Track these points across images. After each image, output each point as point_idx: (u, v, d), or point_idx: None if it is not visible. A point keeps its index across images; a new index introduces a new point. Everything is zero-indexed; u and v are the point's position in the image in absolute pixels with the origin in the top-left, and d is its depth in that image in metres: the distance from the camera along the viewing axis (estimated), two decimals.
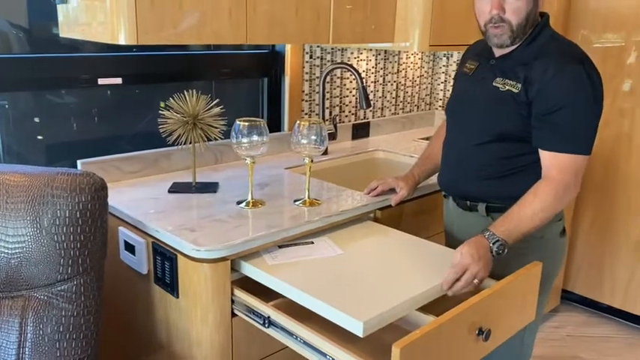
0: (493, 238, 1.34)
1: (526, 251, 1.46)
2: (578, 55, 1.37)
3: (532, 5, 1.37)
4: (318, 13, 1.79)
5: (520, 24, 1.37)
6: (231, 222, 1.48)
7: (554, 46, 1.39)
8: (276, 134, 2.23)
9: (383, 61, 2.67)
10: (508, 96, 1.40)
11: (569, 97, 1.33)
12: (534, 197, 1.36)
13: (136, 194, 1.71)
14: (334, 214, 1.59)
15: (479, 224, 1.47)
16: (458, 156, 1.56)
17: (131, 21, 1.37)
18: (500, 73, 1.43)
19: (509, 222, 1.36)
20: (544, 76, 1.34)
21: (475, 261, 1.29)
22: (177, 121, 1.66)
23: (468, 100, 1.53)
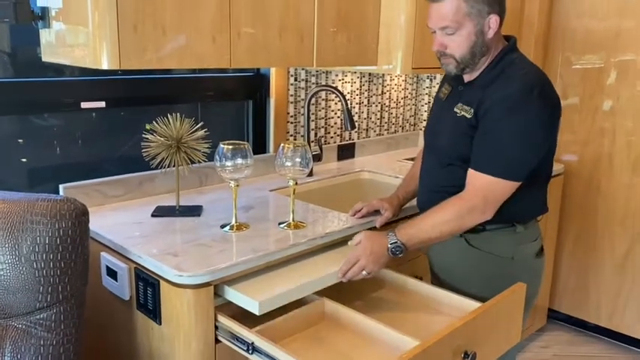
0: (392, 239, 1.41)
1: (495, 273, 1.49)
2: (529, 81, 1.37)
3: (475, 37, 1.39)
4: (302, 37, 1.81)
5: (464, 56, 1.41)
6: (215, 246, 1.47)
7: (509, 72, 1.40)
8: (261, 156, 2.23)
9: (367, 83, 2.69)
10: (462, 121, 1.43)
11: (503, 121, 1.35)
12: (440, 209, 1.41)
13: (118, 218, 1.69)
14: (319, 236, 1.58)
15: (453, 244, 1.50)
16: (429, 178, 1.59)
17: (114, 46, 1.37)
18: (462, 99, 1.46)
19: (412, 227, 1.42)
20: (490, 101, 1.37)
21: (366, 255, 1.40)
22: (161, 145, 1.65)
23: (439, 123, 1.56)
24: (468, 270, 1.52)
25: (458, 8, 1.36)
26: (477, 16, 1.37)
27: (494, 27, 1.39)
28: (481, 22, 1.38)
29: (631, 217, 2.67)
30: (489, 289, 1.42)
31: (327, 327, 1.40)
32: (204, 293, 1.33)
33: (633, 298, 2.72)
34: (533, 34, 2.63)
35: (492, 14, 1.38)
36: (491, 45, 1.42)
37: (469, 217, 1.39)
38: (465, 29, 1.38)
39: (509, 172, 1.36)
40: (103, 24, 1.36)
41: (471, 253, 1.50)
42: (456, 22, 1.37)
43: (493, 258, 1.49)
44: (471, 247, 1.50)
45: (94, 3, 1.35)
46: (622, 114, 2.63)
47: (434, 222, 1.41)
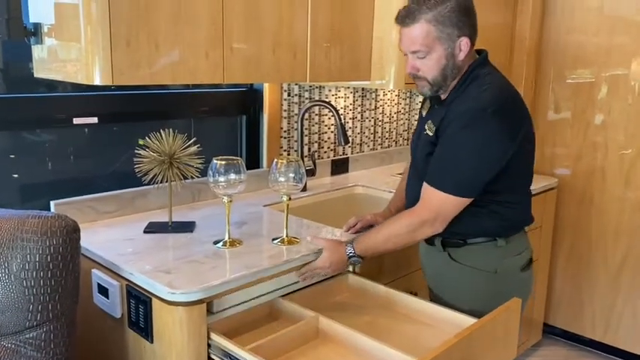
0: (350, 252, 1.50)
1: (480, 287, 1.51)
2: (486, 98, 1.36)
3: (445, 60, 1.40)
4: (295, 52, 1.81)
5: (435, 78, 1.42)
6: (208, 263, 1.46)
7: (470, 89, 1.40)
8: (254, 171, 2.22)
9: (361, 98, 2.70)
10: (426, 138, 1.47)
11: (455, 137, 1.36)
12: (393, 222, 1.47)
13: (110, 235, 1.67)
14: (313, 252, 1.57)
15: (438, 258, 1.56)
16: (411, 191, 1.60)
17: (106, 61, 1.37)
18: (431, 117, 1.49)
19: (369, 239, 1.50)
20: (448, 117, 1.39)
21: (326, 266, 1.52)
22: (153, 161, 1.64)
23: (418, 139, 1.58)
24: (455, 283, 1.54)
25: (428, 32, 1.36)
26: (447, 39, 1.38)
27: (465, 49, 1.39)
28: (451, 46, 1.39)
29: (624, 230, 2.68)
30: (479, 302, 1.45)
31: (322, 344, 1.38)
32: (197, 311, 1.31)
33: (627, 312, 2.71)
34: (525, 48, 2.65)
35: (462, 37, 1.39)
36: (463, 66, 1.43)
37: (420, 231, 1.43)
38: (436, 53, 1.39)
39: (458, 188, 1.38)
40: (95, 39, 1.36)
41: (455, 267, 1.52)
42: (426, 45, 1.38)
43: (476, 272, 1.49)
44: (454, 261, 1.52)
45: (87, 18, 1.35)
46: (614, 128, 2.65)
47: (388, 235, 1.46)
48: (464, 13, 1.37)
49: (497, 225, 1.47)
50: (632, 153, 2.61)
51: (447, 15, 1.35)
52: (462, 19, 1.37)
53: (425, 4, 1.36)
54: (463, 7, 1.37)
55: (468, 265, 1.50)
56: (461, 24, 1.37)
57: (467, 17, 1.38)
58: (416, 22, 1.37)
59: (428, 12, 1.35)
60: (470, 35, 1.40)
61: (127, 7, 1.38)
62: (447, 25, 1.36)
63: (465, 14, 1.37)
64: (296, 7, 1.78)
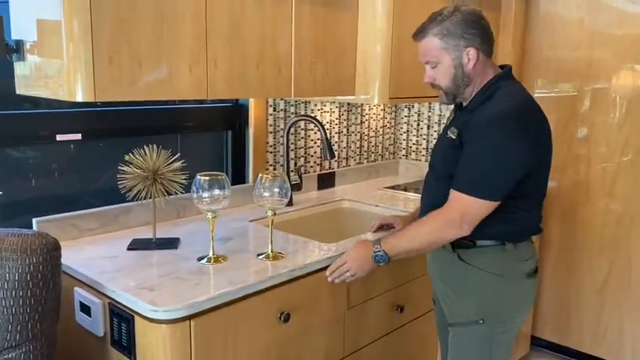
0: (376, 248, 1.54)
1: (484, 288, 1.54)
2: (509, 105, 1.44)
3: (454, 70, 1.50)
4: (280, 67, 1.82)
5: (448, 87, 1.53)
6: (192, 279, 1.44)
7: (494, 97, 1.48)
8: (240, 186, 2.22)
9: (346, 112, 2.71)
10: (449, 142, 1.52)
11: (479, 141, 1.43)
12: (421, 223, 1.52)
13: (93, 252, 1.65)
14: (298, 267, 1.56)
15: (447, 258, 1.58)
16: (427, 194, 1.67)
17: (88, 78, 1.37)
18: (455, 123, 1.55)
19: (395, 238, 1.55)
20: (471, 123, 1.46)
21: (352, 259, 1.57)
22: (137, 177, 1.63)
23: (438, 145, 1.67)
24: (461, 284, 1.58)
25: (435, 44, 1.49)
26: (454, 50, 1.48)
27: (474, 59, 1.48)
28: (459, 56, 1.48)
29: (608, 243, 2.70)
30: (483, 304, 1.53)
31: None
32: (180, 328, 1.29)
33: (613, 323, 2.72)
34: (508, 61, 2.68)
35: (469, 47, 1.47)
36: (475, 75, 1.51)
37: (446, 231, 1.47)
38: (445, 63, 1.50)
39: (484, 191, 1.42)
40: (77, 56, 1.36)
41: (462, 268, 1.55)
42: (435, 57, 1.50)
43: (483, 274, 1.53)
44: (462, 261, 1.55)
45: (69, 35, 1.35)
46: (596, 141, 2.68)
47: (414, 234, 1.51)
48: (470, 25, 1.47)
49: (507, 230, 1.51)
50: (614, 166, 2.64)
51: (453, 28, 1.46)
52: (469, 31, 1.46)
53: (434, 20, 1.49)
54: (469, 20, 1.47)
55: (476, 266, 1.53)
56: (467, 35, 1.46)
57: (474, 29, 1.47)
58: (426, 37, 1.50)
59: (435, 27, 1.48)
60: (478, 46, 1.48)
61: (109, 24, 1.38)
62: (452, 37, 1.47)
63: (471, 26, 1.47)
64: (280, 22, 1.79)
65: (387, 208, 2.33)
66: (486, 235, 1.50)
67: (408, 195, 2.55)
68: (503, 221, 1.48)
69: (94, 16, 1.35)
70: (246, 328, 1.45)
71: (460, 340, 1.59)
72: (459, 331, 1.58)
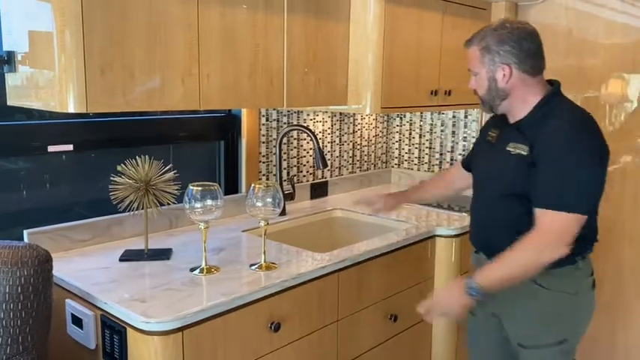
0: (469, 282, 1.47)
1: (559, 310, 1.55)
2: (579, 120, 1.49)
3: (488, 82, 1.55)
4: (272, 78, 1.83)
5: (484, 97, 1.58)
6: (184, 291, 1.44)
7: (559, 112, 1.51)
8: (233, 196, 2.22)
9: (339, 122, 2.72)
10: (518, 158, 1.51)
11: (560, 158, 1.43)
12: (515, 250, 1.45)
13: (85, 264, 1.65)
14: (291, 277, 1.56)
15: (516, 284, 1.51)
16: (486, 214, 1.65)
17: (80, 89, 1.37)
18: (513, 138, 1.55)
19: (489, 270, 1.49)
20: (544, 138, 1.47)
21: (443, 296, 1.55)
22: (129, 188, 1.63)
23: (491, 165, 1.65)
24: (531, 307, 1.57)
25: (475, 55, 1.56)
26: (489, 64, 1.53)
27: (507, 76, 1.51)
28: (492, 70, 1.53)
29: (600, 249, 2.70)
30: (562, 326, 1.55)
31: None
32: (173, 340, 1.29)
33: (605, 331, 2.72)
34: None
35: (503, 65, 1.51)
36: (512, 90, 1.53)
37: (545, 255, 1.43)
38: (481, 74, 1.56)
39: (578, 205, 1.42)
40: (69, 67, 1.36)
41: (537, 292, 1.54)
42: (475, 67, 1.57)
43: (559, 295, 1.54)
44: (537, 285, 1.54)
45: (61, 46, 1.35)
46: None
47: (510, 262, 1.46)
48: (509, 43, 1.50)
49: (579, 246, 1.48)
50: None
51: (491, 43, 1.52)
52: (507, 50, 1.50)
53: (479, 34, 1.56)
54: (510, 38, 1.50)
55: (553, 288, 1.54)
56: (504, 53, 1.50)
57: (511, 47, 1.50)
58: (470, 47, 1.58)
59: (478, 39, 1.55)
60: (514, 63, 1.50)
61: (102, 35, 1.38)
62: (489, 52, 1.52)
63: (509, 44, 1.50)
64: (272, 33, 1.80)
65: (380, 217, 2.33)
66: None
67: None
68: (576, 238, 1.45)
69: (86, 27, 1.35)
70: (238, 338, 1.45)
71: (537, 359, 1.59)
72: (537, 353, 1.58)
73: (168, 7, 1.51)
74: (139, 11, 1.45)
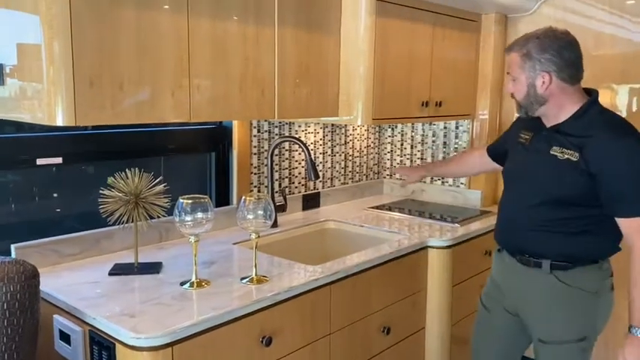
0: (637, 331, 1.49)
1: (580, 307, 1.61)
2: (627, 127, 1.56)
3: (527, 88, 1.60)
4: (263, 90, 1.83)
5: (522, 101, 1.63)
6: (174, 305, 1.42)
7: (603, 121, 1.57)
8: (224, 208, 2.20)
9: (330, 133, 2.72)
10: (567, 164, 1.56)
11: (630, 168, 1.50)
12: (637, 272, 1.50)
13: (74, 278, 1.62)
14: (283, 290, 1.55)
15: (542, 280, 1.63)
16: (519, 215, 1.69)
17: (69, 102, 1.35)
18: (556, 143, 1.60)
19: (638, 307, 1.50)
20: (603, 151, 1.51)
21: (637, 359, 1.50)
22: (119, 201, 1.61)
23: (526, 166, 1.70)
24: (555, 303, 1.63)
25: (516, 61, 1.61)
26: (530, 70, 1.58)
27: (547, 83, 1.57)
28: (532, 77, 1.58)
29: None
30: (574, 322, 1.60)
31: None
32: (162, 356, 1.27)
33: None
34: (489, 83, 2.73)
35: (544, 72, 1.56)
36: (550, 97, 1.59)
37: None
38: (520, 80, 1.61)
39: None
40: (58, 80, 1.34)
41: (560, 289, 1.61)
42: (515, 72, 1.62)
43: (581, 293, 1.61)
44: (561, 282, 1.61)
45: (49, 58, 1.34)
46: None
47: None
48: (549, 52, 1.55)
49: (603, 247, 1.60)
50: None
51: (533, 51, 1.56)
52: (548, 58, 1.55)
53: (522, 40, 1.61)
54: (551, 47, 1.55)
55: (574, 286, 1.60)
56: (544, 60, 1.56)
57: (552, 55, 1.55)
58: (512, 52, 1.63)
59: (520, 47, 1.60)
60: (553, 71, 1.56)
61: (90, 48, 1.37)
62: (531, 59, 1.57)
63: (550, 53, 1.55)
64: (262, 44, 1.80)
65: (372, 228, 2.32)
66: (585, 256, 1.59)
67: (392, 215, 2.55)
68: (604, 238, 1.58)
69: (75, 39, 1.34)
70: (228, 353, 1.43)
71: (557, 356, 1.64)
72: (557, 348, 1.63)
73: (158, 19, 1.50)
74: (129, 23, 1.44)
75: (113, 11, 1.41)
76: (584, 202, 1.56)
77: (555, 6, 2.61)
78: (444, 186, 2.88)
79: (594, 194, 1.54)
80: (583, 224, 1.58)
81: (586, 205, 1.57)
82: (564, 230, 1.59)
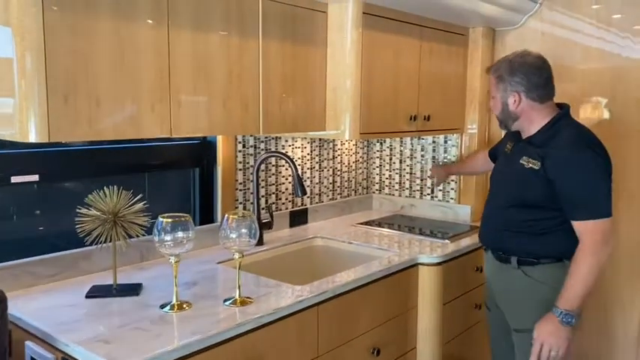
0: (557, 311, 1.66)
1: (545, 299, 1.73)
2: (586, 141, 1.72)
3: (501, 106, 1.81)
4: (247, 104, 1.78)
5: (498, 116, 1.86)
6: (153, 330, 1.35)
7: (566, 134, 1.73)
8: (208, 226, 2.14)
9: (318, 147, 2.68)
10: (530, 171, 1.74)
11: (582, 178, 1.67)
12: (577, 264, 1.66)
13: (49, 301, 1.55)
14: (267, 313, 1.48)
15: (511, 274, 1.83)
16: (493, 218, 1.90)
17: (42, 118, 1.30)
18: (526, 153, 1.78)
19: (566, 293, 1.66)
20: (558, 160, 1.69)
21: (547, 338, 1.66)
22: (96, 220, 1.55)
23: (504, 172, 1.92)
24: (523, 296, 1.81)
25: (492, 82, 1.84)
26: (502, 91, 1.80)
27: (517, 102, 1.78)
28: (505, 97, 1.80)
29: None
30: (539, 312, 1.72)
31: None
32: None
33: None
34: (476, 97, 2.70)
35: (514, 93, 1.78)
36: (522, 113, 1.79)
37: (603, 251, 1.66)
38: (497, 98, 1.83)
39: (606, 212, 1.66)
40: (31, 95, 1.29)
41: (527, 282, 1.79)
42: (493, 91, 1.85)
43: (545, 287, 1.76)
44: (527, 276, 1.79)
45: (21, 72, 1.28)
46: None
47: (581, 277, 1.65)
48: (517, 75, 1.76)
49: (567, 247, 1.72)
50: None
51: (504, 73, 1.79)
52: (517, 80, 1.76)
53: (497, 64, 1.84)
54: (519, 70, 1.76)
55: (539, 280, 1.77)
56: (514, 83, 1.77)
57: (520, 78, 1.76)
58: (490, 74, 1.87)
59: (496, 68, 1.83)
60: (523, 92, 1.76)
61: (65, 61, 1.32)
62: (503, 80, 1.79)
63: (518, 75, 1.76)
64: (246, 57, 1.75)
65: (361, 245, 2.27)
66: (550, 254, 1.76)
67: (382, 231, 2.50)
68: (564, 238, 1.72)
69: (49, 52, 1.29)
70: None
71: (527, 343, 1.75)
72: (527, 336, 1.74)
73: (136, 32, 1.45)
74: (106, 35, 1.39)
75: (89, 23, 1.36)
76: (545, 204, 1.74)
77: (542, 20, 2.60)
78: (434, 201, 2.84)
79: (553, 198, 1.71)
80: (545, 226, 1.76)
81: (548, 208, 1.74)
82: (529, 231, 1.78)
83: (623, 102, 2.44)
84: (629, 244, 2.44)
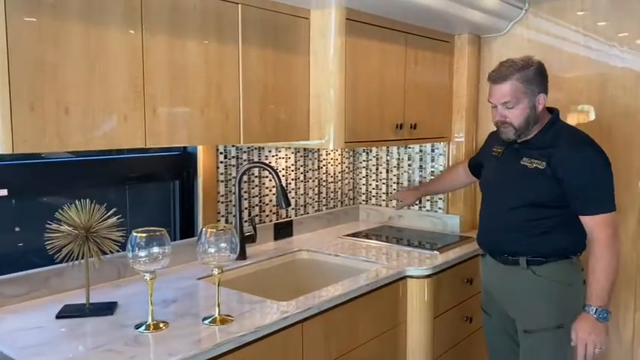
0: (591, 309, 1.67)
1: (555, 297, 1.77)
2: (585, 139, 1.77)
3: (529, 111, 1.75)
4: (227, 113, 1.71)
5: (520, 125, 1.77)
6: (126, 352, 1.27)
7: (566, 134, 1.78)
8: (189, 240, 2.05)
9: (303, 158, 2.61)
10: (536, 171, 1.76)
11: (591, 175, 1.71)
12: (596, 260, 1.68)
13: (17, 323, 1.46)
14: (249, 331, 1.41)
15: (520, 274, 1.81)
16: (497, 220, 1.88)
17: (6, 128, 1.22)
18: (525, 155, 1.80)
19: (593, 289, 1.68)
20: (566, 160, 1.71)
21: (587, 337, 1.67)
22: (67, 235, 1.47)
23: (500, 176, 1.90)
24: (533, 295, 1.80)
25: (517, 88, 1.74)
26: (531, 94, 1.75)
27: (543, 103, 1.77)
28: (533, 100, 1.76)
29: None
30: (552, 311, 1.75)
31: None
32: None
33: None
34: (463, 105, 2.66)
35: (541, 93, 1.77)
36: (540, 116, 1.79)
37: (616, 244, 1.70)
38: (522, 104, 1.75)
39: (614, 205, 1.71)
40: None
41: (537, 282, 1.79)
42: (516, 98, 1.75)
43: (555, 284, 1.77)
44: (537, 276, 1.79)
45: None
46: None
47: (605, 272, 1.67)
48: (542, 75, 1.77)
49: (573, 245, 1.78)
50: None
51: (532, 76, 1.74)
52: (541, 80, 1.76)
53: (514, 67, 1.75)
54: (541, 71, 1.77)
55: (549, 279, 1.77)
56: (539, 83, 1.76)
57: (544, 79, 1.78)
58: (507, 81, 1.74)
59: (516, 73, 1.74)
60: (544, 93, 1.77)
61: (31, 68, 1.25)
62: (531, 83, 1.74)
63: (542, 76, 1.77)
64: (226, 65, 1.69)
65: (348, 257, 2.20)
66: (557, 252, 1.77)
67: (369, 242, 2.43)
68: (568, 235, 1.76)
69: (12, 58, 1.22)
70: None
71: (538, 344, 1.78)
72: (538, 336, 1.78)
73: (108, 37, 1.38)
74: (75, 41, 1.32)
75: (57, 27, 1.29)
76: (552, 203, 1.75)
77: (528, 26, 2.57)
78: (422, 211, 2.78)
79: (561, 196, 1.73)
80: (550, 224, 1.77)
81: (554, 206, 1.75)
82: (537, 230, 1.78)
83: (609, 109, 2.41)
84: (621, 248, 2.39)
